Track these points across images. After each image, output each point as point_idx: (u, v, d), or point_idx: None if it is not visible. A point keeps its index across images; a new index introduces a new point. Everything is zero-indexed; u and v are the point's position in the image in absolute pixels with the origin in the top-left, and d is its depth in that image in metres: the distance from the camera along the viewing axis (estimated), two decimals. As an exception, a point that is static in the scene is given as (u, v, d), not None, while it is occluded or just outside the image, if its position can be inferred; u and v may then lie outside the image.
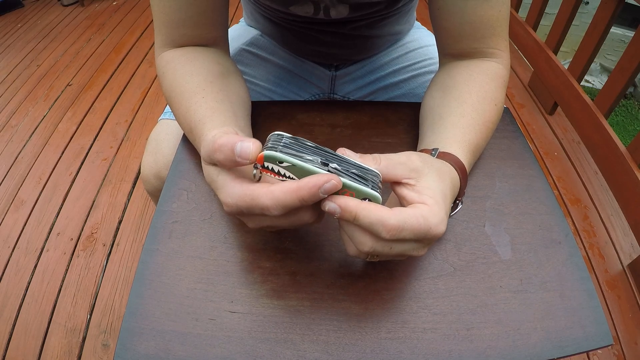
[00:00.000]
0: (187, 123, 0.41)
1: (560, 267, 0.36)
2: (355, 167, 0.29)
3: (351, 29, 0.59)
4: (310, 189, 0.27)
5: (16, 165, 1.42)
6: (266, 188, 0.28)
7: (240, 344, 0.32)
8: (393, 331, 0.32)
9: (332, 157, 0.29)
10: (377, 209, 0.28)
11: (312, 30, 0.59)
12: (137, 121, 1.58)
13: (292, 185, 0.27)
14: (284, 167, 0.28)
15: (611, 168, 1.17)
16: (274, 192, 0.28)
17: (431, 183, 0.31)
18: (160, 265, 0.36)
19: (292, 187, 0.27)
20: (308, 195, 0.27)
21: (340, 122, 0.50)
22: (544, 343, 0.32)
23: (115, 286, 1.06)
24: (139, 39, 2.10)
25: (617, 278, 1.05)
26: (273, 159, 0.28)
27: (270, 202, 0.28)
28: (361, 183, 0.28)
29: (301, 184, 0.27)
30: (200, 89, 0.41)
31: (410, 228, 0.28)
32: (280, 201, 0.27)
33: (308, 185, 0.27)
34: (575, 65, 1.40)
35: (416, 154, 0.32)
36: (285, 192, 0.27)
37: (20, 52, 2.07)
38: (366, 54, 0.66)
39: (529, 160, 0.45)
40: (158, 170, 0.55)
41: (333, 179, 0.27)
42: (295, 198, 0.27)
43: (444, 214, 0.30)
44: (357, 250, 0.30)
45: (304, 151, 0.29)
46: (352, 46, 0.62)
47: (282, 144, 0.28)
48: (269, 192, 0.28)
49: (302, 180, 0.27)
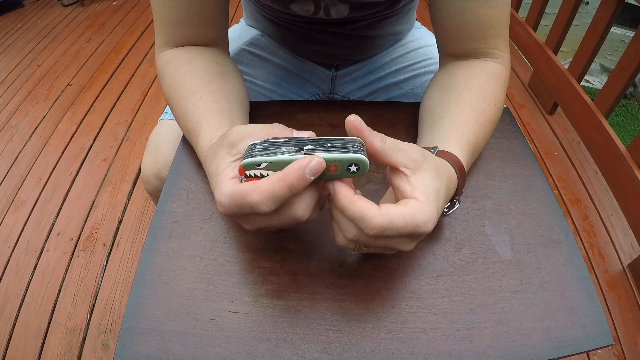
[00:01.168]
0: (184, 124, 0.41)
1: (560, 267, 0.36)
2: (331, 141, 0.29)
3: (351, 29, 0.59)
4: (296, 173, 0.27)
5: (16, 165, 1.42)
6: (252, 185, 0.28)
7: (240, 343, 0.32)
8: (393, 331, 0.32)
9: (304, 141, 0.30)
10: (363, 205, 0.27)
11: (312, 30, 0.59)
12: (137, 121, 1.58)
13: (277, 175, 0.27)
14: (263, 168, 0.29)
15: (611, 168, 1.17)
16: (261, 186, 0.27)
17: (427, 179, 0.30)
18: (160, 265, 0.36)
19: (278, 177, 0.27)
20: (296, 179, 0.27)
21: (340, 122, 0.50)
22: (544, 343, 0.32)
23: (115, 286, 1.06)
24: (139, 39, 2.10)
25: (617, 278, 1.05)
26: (251, 164, 0.29)
27: (258, 196, 0.27)
28: (341, 152, 0.28)
29: (286, 171, 0.27)
30: (199, 89, 0.41)
31: (395, 227, 0.27)
32: (269, 193, 0.27)
33: (293, 170, 0.27)
34: (575, 65, 1.40)
35: (419, 147, 0.32)
36: (272, 182, 0.27)
37: (20, 52, 2.07)
38: (366, 54, 0.66)
39: (529, 160, 0.45)
40: (158, 170, 0.55)
41: (315, 157, 0.27)
42: (284, 186, 0.27)
43: (435, 211, 0.29)
44: (344, 238, 0.30)
45: (276, 148, 0.29)
46: (352, 46, 0.62)
47: (255, 150, 0.29)
48: (256, 187, 0.28)
49: (286, 168, 0.27)
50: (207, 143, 0.37)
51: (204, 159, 0.37)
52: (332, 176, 0.29)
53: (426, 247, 0.38)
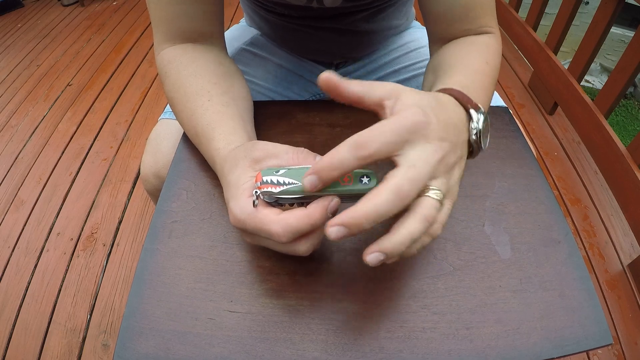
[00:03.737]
0: (192, 126, 0.41)
1: (560, 267, 0.36)
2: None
3: (348, 23, 0.58)
4: (320, 212, 0.28)
5: (16, 165, 1.43)
6: (278, 215, 0.29)
7: (239, 343, 0.32)
8: (392, 331, 0.32)
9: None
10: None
11: (309, 27, 0.59)
12: (137, 121, 1.58)
13: (303, 212, 0.28)
14: (281, 175, 0.29)
15: (611, 168, 1.17)
16: (288, 220, 0.28)
17: (410, 99, 0.28)
18: (160, 265, 0.36)
19: (305, 213, 0.28)
20: (319, 218, 0.28)
21: (339, 122, 0.50)
22: (544, 342, 0.32)
23: (115, 286, 1.06)
24: (139, 39, 2.10)
25: (617, 278, 1.05)
26: (270, 170, 0.30)
27: (282, 229, 0.28)
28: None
29: (310, 210, 0.28)
30: (205, 91, 0.41)
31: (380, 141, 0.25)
32: (294, 227, 0.28)
33: (318, 209, 0.28)
34: (575, 65, 1.40)
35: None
36: (299, 218, 0.28)
37: (20, 52, 2.08)
38: (365, 50, 0.66)
39: (528, 160, 0.45)
40: (158, 170, 0.55)
41: (334, 198, 0.28)
42: (308, 223, 0.28)
43: (421, 111, 0.27)
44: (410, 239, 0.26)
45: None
46: (350, 42, 0.62)
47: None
48: (281, 219, 0.28)
49: (309, 207, 0.28)
50: (224, 146, 0.37)
51: (222, 162, 0.36)
52: (346, 187, 0.29)
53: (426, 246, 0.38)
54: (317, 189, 0.28)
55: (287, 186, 0.29)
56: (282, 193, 0.29)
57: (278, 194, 0.29)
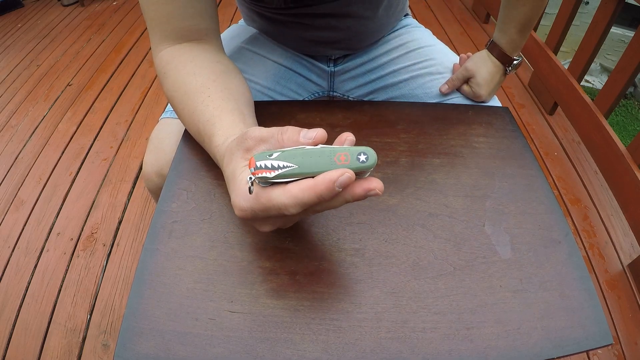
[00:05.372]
0: (194, 124, 0.42)
1: (560, 267, 0.36)
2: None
3: (345, 3, 0.57)
4: (327, 185, 0.27)
5: (16, 165, 1.42)
6: (281, 188, 0.28)
7: (240, 343, 0.32)
8: (393, 331, 0.32)
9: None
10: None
11: (307, 16, 0.59)
12: (137, 121, 1.58)
13: (308, 182, 0.28)
14: (274, 158, 0.29)
15: (611, 168, 1.17)
16: (292, 191, 0.28)
17: (480, 77, 0.58)
18: (160, 265, 0.36)
19: (309, 184, 0.27)
20: (326, 191, 0.27)
21: (339, 122, 0.50)
22: (544, 342, 0.32)
23: (115, 286, 1.06)
24: (139, 39, 2.10)
25: (617, 278, 1.05)
26: (263, 155, 0.29)
27: (288, 200, 0.28)
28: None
29: (317, 181, 0.27)
30: (205, 88, 0.42)
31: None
32: (299, 199, 0.28)
33: (324, 181, 0.27)
34: (575, 65, 1.40)
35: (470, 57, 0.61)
36: (303, 189, 0.27)
37: (20, 52, 2.07)
38: (362, 42, 0.65)
39: (528, 160, 0.45)
40: (160, 168, 0.55)
41: (346, 172, 0.27)
42: (313, 195, 0.27)
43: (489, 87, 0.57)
44: None
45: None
46: (349, 28, 0.61)
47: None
48: (286, 190, 0.28)
49: (317, 178, 0.27)
50: (223, 141, 0.37)
51: (221, 158, 0.37)
52: (343, 166, 0.29)
53: (426, 246, 0.38)
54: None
55: (282, 170, 0.29)
56: (278, 177, 0.29)
57: (273, 178, 0.29)
